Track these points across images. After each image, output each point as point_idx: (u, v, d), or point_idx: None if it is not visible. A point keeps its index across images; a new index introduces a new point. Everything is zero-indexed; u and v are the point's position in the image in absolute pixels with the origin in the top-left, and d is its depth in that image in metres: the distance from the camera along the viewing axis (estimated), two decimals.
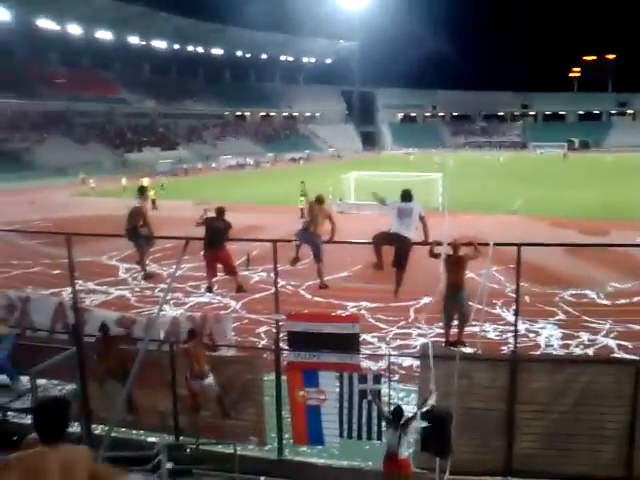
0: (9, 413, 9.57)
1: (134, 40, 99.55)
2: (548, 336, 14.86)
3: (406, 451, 8.11)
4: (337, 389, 8.95)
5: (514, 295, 8.77)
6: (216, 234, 9.20)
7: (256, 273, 20.28)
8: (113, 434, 8.36)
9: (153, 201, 33.68)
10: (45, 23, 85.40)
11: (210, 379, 8.97)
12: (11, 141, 71.90)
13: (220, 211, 9.41)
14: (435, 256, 8.21)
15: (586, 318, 16.05)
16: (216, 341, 9.74)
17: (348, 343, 8.90)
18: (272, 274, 9.56)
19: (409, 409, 9.19)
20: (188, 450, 9.22)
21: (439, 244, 8.22)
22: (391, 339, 14.83)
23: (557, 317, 16.28)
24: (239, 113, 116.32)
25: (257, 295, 17.09)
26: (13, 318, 10.40)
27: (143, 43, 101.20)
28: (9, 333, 9.27)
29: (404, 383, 11.57)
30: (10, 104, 79.17)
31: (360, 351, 9.34)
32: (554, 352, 13.56)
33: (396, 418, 8.17)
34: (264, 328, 15.06)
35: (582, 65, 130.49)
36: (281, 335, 9.30)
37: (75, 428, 9.60)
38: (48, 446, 3.52)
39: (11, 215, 35.45)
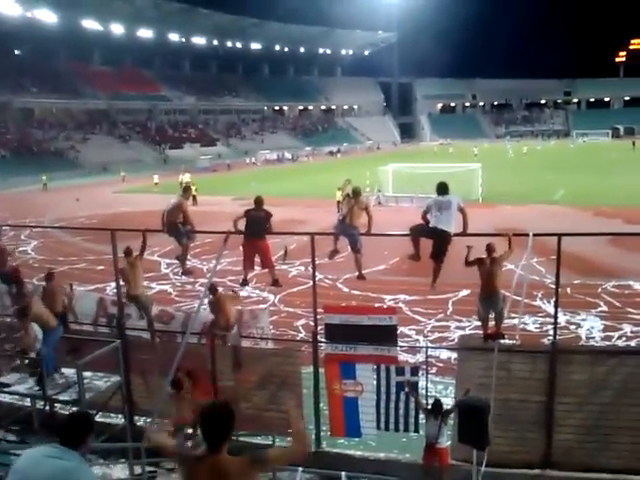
0: (56, 405, 9.93)
1: (174, 37, 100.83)
2: (590, 328, 14.60)
3: (445, 442, 8.15)
4: (374, 381, 9.01)
5: (555, 286, 8.64)
6: (256, 224, 9.23)
7: (294, 267, 20.44)
8: (155, 425, 8.59)
9: (194, 197, 34.16)
10: (89, 23, 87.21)
11: (234, 331, 9.44)
12: (56, 140, 73.82)
13: (258, 201, 9.42)
14: (471, 264, 8.22)
15: (629, 310, 15.69)
16: (253, 334, 9.94)
17: (385, 335, 8.94)
18: (310, 267, 9.64)
19: (447, 402, 9.20)
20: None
21: (470, 248, 8.22)
22: (429, 332, 14.78)
23: (599, 309, 15.96)
24: (277, 107, 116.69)
25: (295, 289, 17.25)
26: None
27: (183, 40, 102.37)
28: (57, 326, 9.54)
29: (442, 376, 11.54)
30: (55, 104, 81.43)
31: (397, 343, 9.38)
32: (595, 344, 13.30)
33: (436, 408, 8.20)
34: (302, 321, 15.21)
35: (628, 50, 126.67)
36: (319, 328, 9.39)
37: (119, 419, 9.92)
38: (210, 452, 3.46)
39: (58, 212, 36.56)
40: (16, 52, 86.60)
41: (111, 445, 8.71)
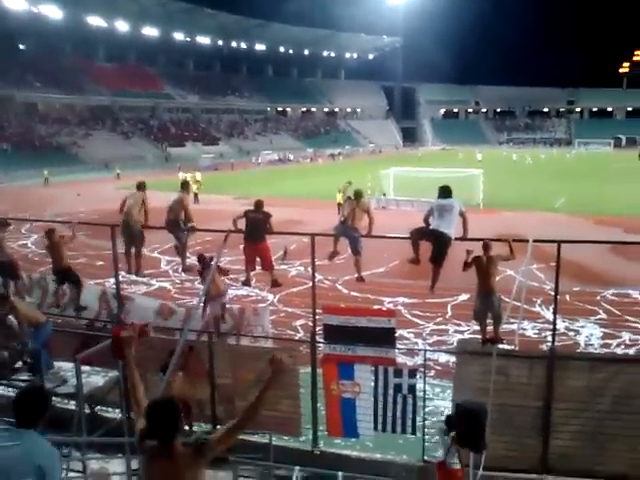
0: (54, 398, 9.90)
1: (179, 36, 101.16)
2: (588, 335, 14.58)
3: (457, 463, 7.95)
4: (372, 382, 9.00)
5: (554, 293, 8.65)
6: (256, 226, 9.31)
7: (294, 267, 20.44)
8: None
9: (195, 195, 34.21)
10: (94, 20, 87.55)
11: (227, 298, 9.86)
12: (58, 135, 73.85)
13: (258, 203, 9.51)
14: (469, 266, 8.23)
15: (628, 318, 15.67)
16: (253, 332, 9.95)
17: (384, 337, 8.94)
18: (309, 268, 9.65)
19: (445, 404, 9.21)
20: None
21: (470, 252, 8.23)
22: (427, 335, 14.78)
23: (598, 316, 15.94)
24: (280, 108, 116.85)
25: (294, 289, 17.26)
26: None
27: (187, 39, 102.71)
28: (46, 322, 9.52)
29: (440, 379, 11.52)
30: (58, 99, 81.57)
31: (396, 345, 9.38)
32: (594, 351, 13.30)
33: (448, 426, 8.06)
34: (301, 321, 15.20)
35: (632, 61, 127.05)
36: (317, 328, 9.39)
37: (116, 414, 9.91)
38: (160, 448, 3.44)
39: (59, 207, 36.53)
40: (21, 47, 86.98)
41: (108, 439, 8.70)
